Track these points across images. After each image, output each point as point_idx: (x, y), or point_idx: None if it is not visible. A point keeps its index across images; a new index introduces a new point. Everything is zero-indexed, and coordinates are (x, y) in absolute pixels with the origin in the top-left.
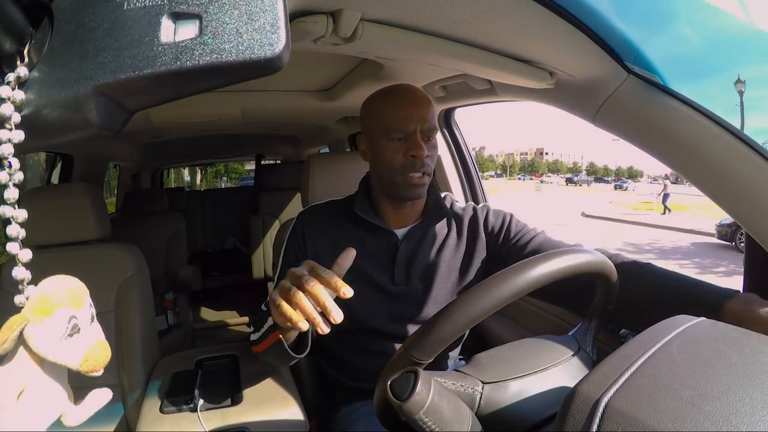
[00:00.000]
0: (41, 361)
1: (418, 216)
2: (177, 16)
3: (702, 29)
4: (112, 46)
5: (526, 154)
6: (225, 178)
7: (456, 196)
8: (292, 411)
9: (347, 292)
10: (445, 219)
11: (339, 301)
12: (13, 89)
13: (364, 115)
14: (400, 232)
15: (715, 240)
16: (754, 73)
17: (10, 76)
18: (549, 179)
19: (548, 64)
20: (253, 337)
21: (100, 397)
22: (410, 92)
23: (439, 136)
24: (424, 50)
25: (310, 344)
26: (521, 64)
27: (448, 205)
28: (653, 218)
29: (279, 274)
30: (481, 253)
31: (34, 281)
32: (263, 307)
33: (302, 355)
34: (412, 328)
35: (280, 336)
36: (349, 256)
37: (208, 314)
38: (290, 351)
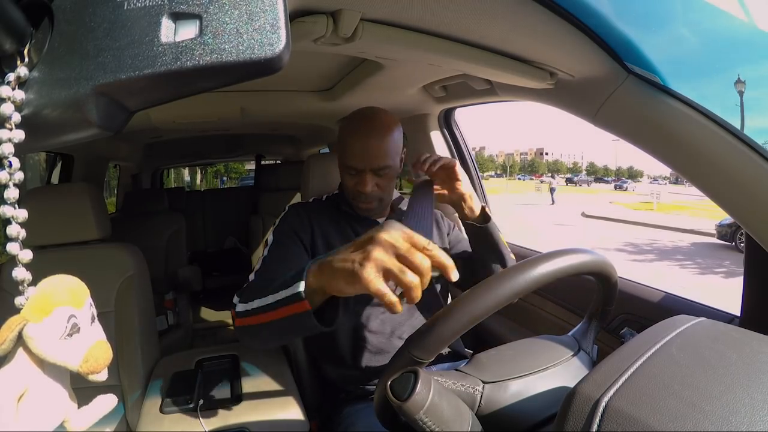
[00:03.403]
0: (41, 363)
1: (388, 210)
2: (177, 16)
3: (702, 29)
4: (112, 46)
5: (526, 154)
6: (225, 178)
7: None
8: (292, 411)
9: (455, 276)
10: None
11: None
12: (13, 89)
13: (338, 133)
14: (380, 221)
15: (715, 240)
16: (754, 73)
17: (10, 76)
18: (549, 179)
19: (548, 64)
20: (245, 306)
21: (106, 402)
22: (369, 126)
23: (439, 136)
24: (424, 50)
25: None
26: (521, 64)
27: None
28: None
29: (274, 243)
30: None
31: (34, 281)
32: (252, 276)
33: (329, 328)
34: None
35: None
36: None
37: (208, 314)
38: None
